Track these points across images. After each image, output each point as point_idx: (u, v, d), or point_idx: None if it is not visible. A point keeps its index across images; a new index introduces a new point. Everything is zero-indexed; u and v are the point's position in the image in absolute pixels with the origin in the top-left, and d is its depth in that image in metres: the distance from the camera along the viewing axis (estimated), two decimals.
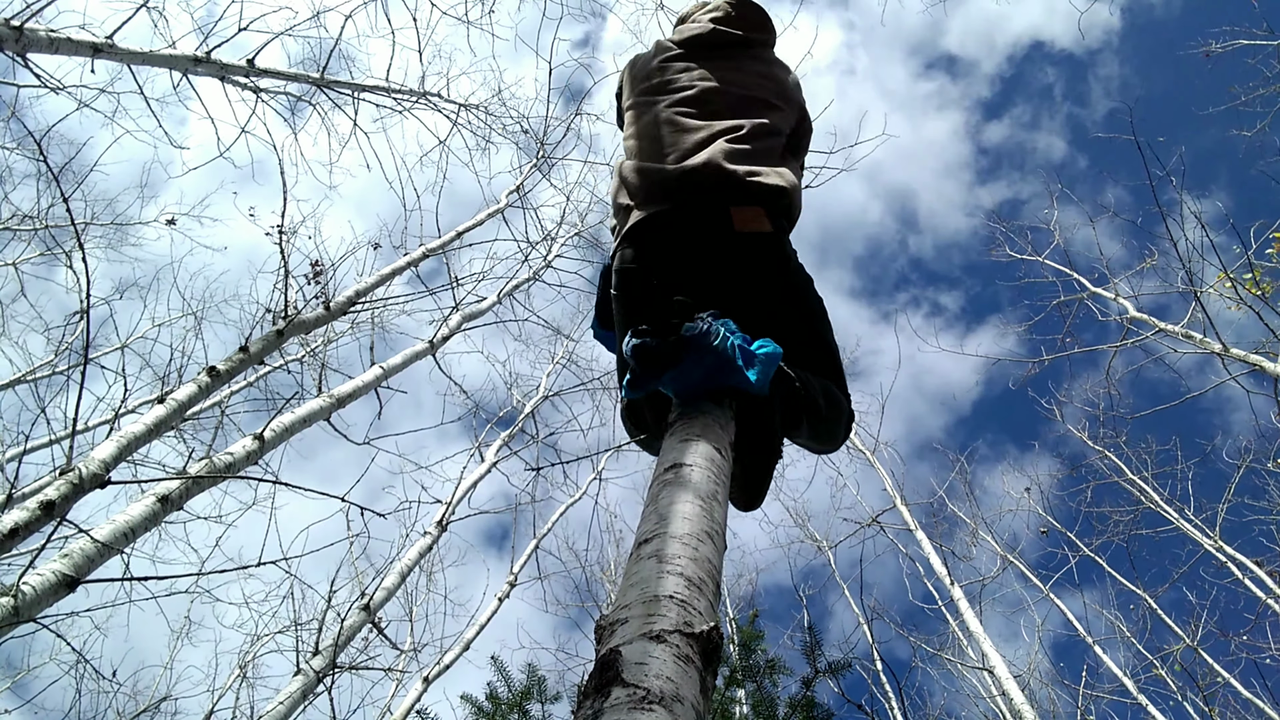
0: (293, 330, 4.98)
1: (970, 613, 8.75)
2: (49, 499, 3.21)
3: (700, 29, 2.46)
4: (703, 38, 2.44)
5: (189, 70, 5.84)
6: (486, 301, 7.52)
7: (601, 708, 1.01)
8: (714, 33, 2.43)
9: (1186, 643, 9.17)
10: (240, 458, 4.26)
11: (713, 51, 2.43)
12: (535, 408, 9.53)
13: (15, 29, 4.61)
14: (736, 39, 2.45)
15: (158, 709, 8.93)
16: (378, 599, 6.10)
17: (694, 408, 1.79)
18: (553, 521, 10.08)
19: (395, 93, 7.62)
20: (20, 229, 9.08)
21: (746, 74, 2.41)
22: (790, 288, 2.12)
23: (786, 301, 2.10)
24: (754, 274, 2.07)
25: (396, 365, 6.04)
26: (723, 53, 2.44)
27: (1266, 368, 7.07)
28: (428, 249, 6.78)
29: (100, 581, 3.63)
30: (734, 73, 2.39)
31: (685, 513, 1.43)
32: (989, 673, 8.40)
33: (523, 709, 5.62)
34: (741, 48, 2.46)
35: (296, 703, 4.97)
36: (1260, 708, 8.41)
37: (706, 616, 1.23)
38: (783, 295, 2.10)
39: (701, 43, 2.44)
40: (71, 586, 3.15)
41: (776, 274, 2.10)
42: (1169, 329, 8.68)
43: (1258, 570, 8.94)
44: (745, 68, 2.42)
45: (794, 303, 2.12)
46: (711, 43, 2.44)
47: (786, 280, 2.12)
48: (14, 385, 8.74)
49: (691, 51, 2.43)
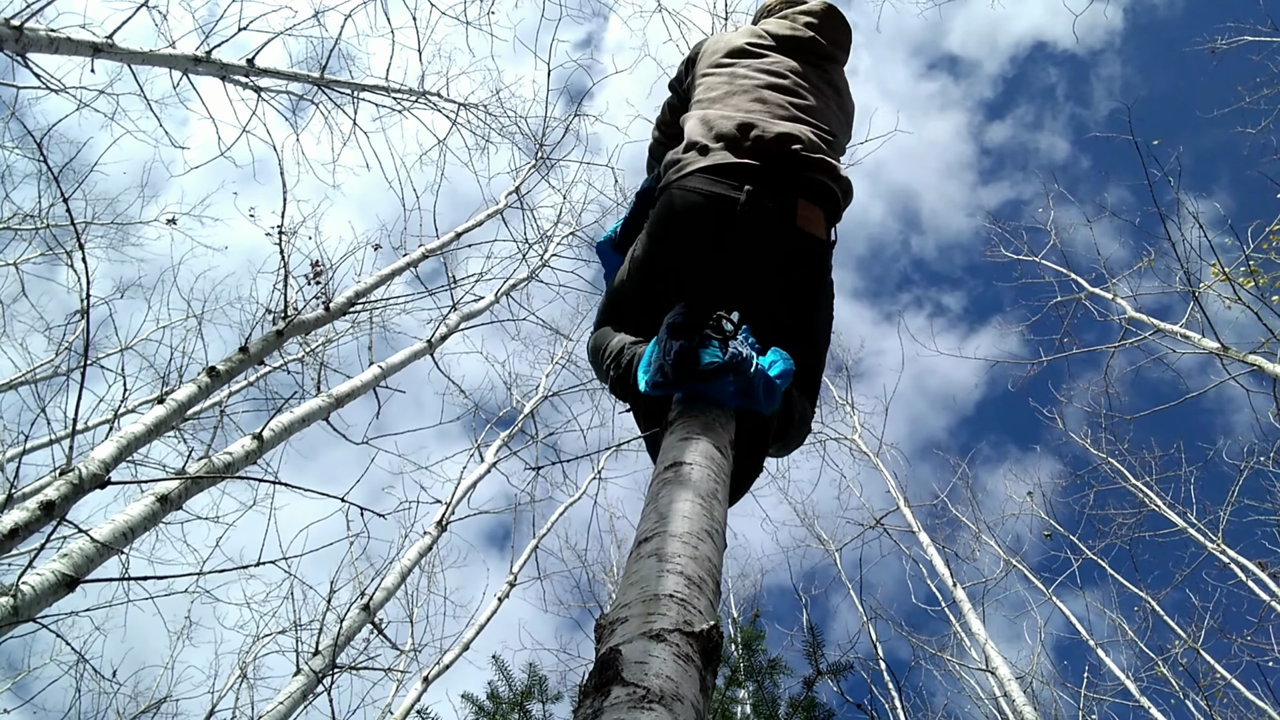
0: (293, 330, 4.97)
1: (973, 614, 8.74)
2: (49, 499, 3.20)
3: (798, 32, 2.47)
4: (799, 40, 2.46)
5: (189, 70, 5.84)
6: (484, 301, 7.52)
7: (602, 706, 1.01)
8: (811, 40, 2.46)
9: (1188, 643, 9.16)
10: (239, 458, 4.26)
11: (804, 54, 2.45)
12: (535, 408, 9.53)
13: (15, 29, 4.60)
14: (827, 51, 2.49)
15: (158, 709, 8.93)
16: (377, 599, 6.10)
17: (695, 406, 1.82)
18: (552, 521, 10.08)
19: (395, 92, 7.62)
20: (21, 229, 9.08)
21: (829, 90, 2.45)
22: (818, 303, 2.17)
23: (810, 312, 2.15)
24: (796, 274, 2.09)
25: (395, 365, 6.04)
26: (814, 58, 2.46)
27: (1265, 367, 7.06)
28: (427, 249, 6.78)
29: (100, 581, 3.63)
30: (822, 84, 2.42)
31: (685, 511, 1.43)
32: (991, 674, 8.39)
33: (523, 708, 5.62)
34: (828, 60, 2.50)
35: (297, 703, 4.96)
36: (1262, 709, 8.39)
37: (706, 615, 1.23)
38: (810, 305, 2.15)
39: (796, 43, 2.45)
40: (71, 586, 3.15)
41: (815, 283, 2.14)
42: (1167, 329, 8.66)
43: (1260, 573, 8.91)
44: (827, 84, 2.45)
45: (814, 317, 2.17)
46: (806, 46, 2.46)
47: (819, 294, 2.16)
48: (15, 386, 8.74)
49: (784, 47, 2.44)
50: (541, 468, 8.98)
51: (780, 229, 2.03)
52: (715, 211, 2.02)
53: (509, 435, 9.00)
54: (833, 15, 2.54)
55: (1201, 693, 8.34)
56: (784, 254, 2.05)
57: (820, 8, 2.56)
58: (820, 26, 2.50)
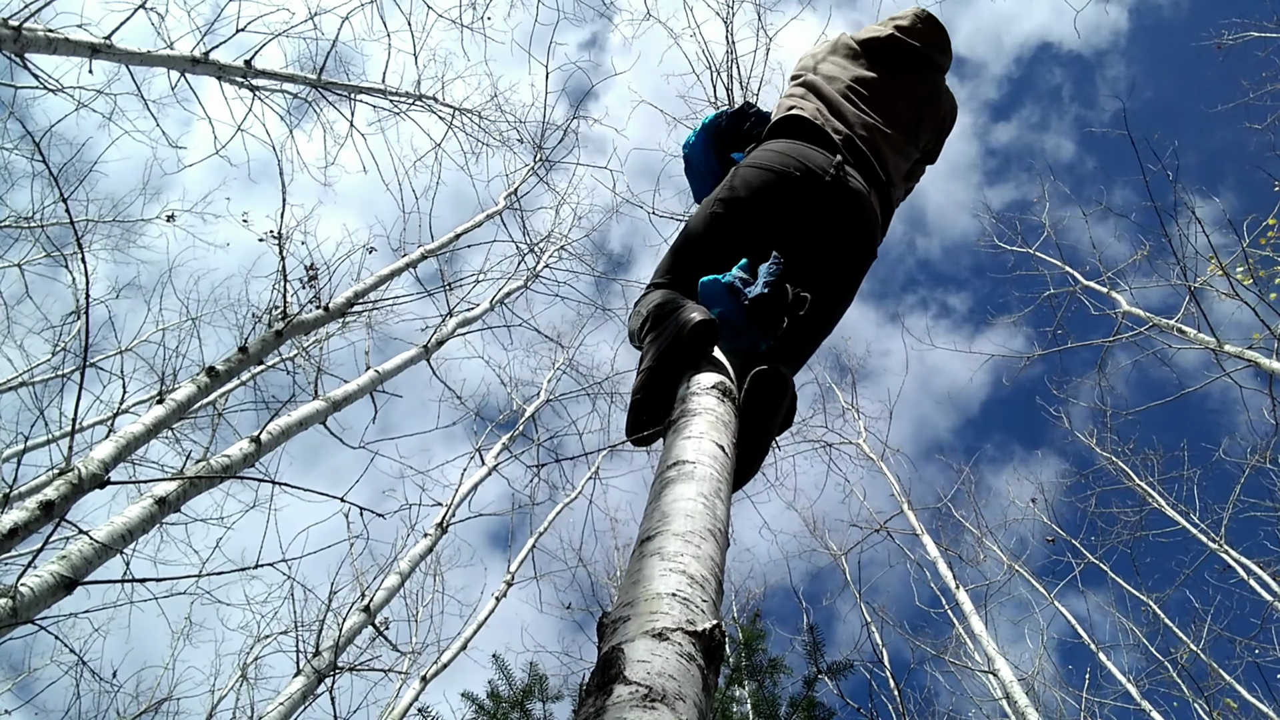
0: (291, 331, 4.97)
1: (975, 616, 8.73)
2: (48, 499, 3.20)
3: (880, 32, 2.51)
4: (880, 41, 2.49)
5: (187, 70, 5.84)
6: (480, 307, 7.53)
7: (604, 706, 1.00)
8: (891, 38, 2.48)
9: (1191, 648, 9.14)
10: (238, 460, 4.26)
11: (888, 57, 2.49)
12: (535, 411, 9.53)
13: (14, 29, 4.60)
14: (913, 49, 2.50)
15: (158, 710, 8.91)
16: (378, 600, 6.09)
17: (696, 405, 1.81)
18: (550, 520, 10.05)
19: (391, 95, 7.63)
20: (21, 228, 9.06)
21: (912, 96, 2.49)
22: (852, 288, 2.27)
23: (845, 294, 2.25)
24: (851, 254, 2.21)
25: (391, 369, 6.05)
26: (899, 63, 2.50)
27: (1262, 363, 7.04)
28: (425, 250, 6.78)
29: (99, 583, 3.62)
30: (903, 89, 2.48)
31: (688, 510, 1.42)
32: (993, 675, 8.38)
33: (524, 707, 5.60)
34: (916, 61, 2.51)
35: (297, 703, 4.96)
36: (1263, 711, 8.37)
37: (709, 614, 1.22)
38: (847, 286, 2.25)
39: (878, 45, 2.50)
40: (70, 588, 3.14)
41: (860, 267, 2.25)
42: (1162, 324, 8.61)
43: (1262, 573, 8.88)
44: (913, 90, 2.50)
45: (844, 300, 2.26)
46: (889, 48, 2.49)
47: (857, 277, 2.26)
48: (15, 387, 8.72)
49: (868, 53, 2.50)
50: (544, 464, 8.98)
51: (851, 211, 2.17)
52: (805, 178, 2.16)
53: (510, 439, 9.01)
54: (926, 20, 2.59)
55: (1204, 696, 8.32)
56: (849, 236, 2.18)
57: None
58: (906, 27, 2.55)
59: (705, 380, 1.90)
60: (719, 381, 1.90)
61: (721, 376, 1.93)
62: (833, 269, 2.18)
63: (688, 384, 1.92)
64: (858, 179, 2.20)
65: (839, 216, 2.14)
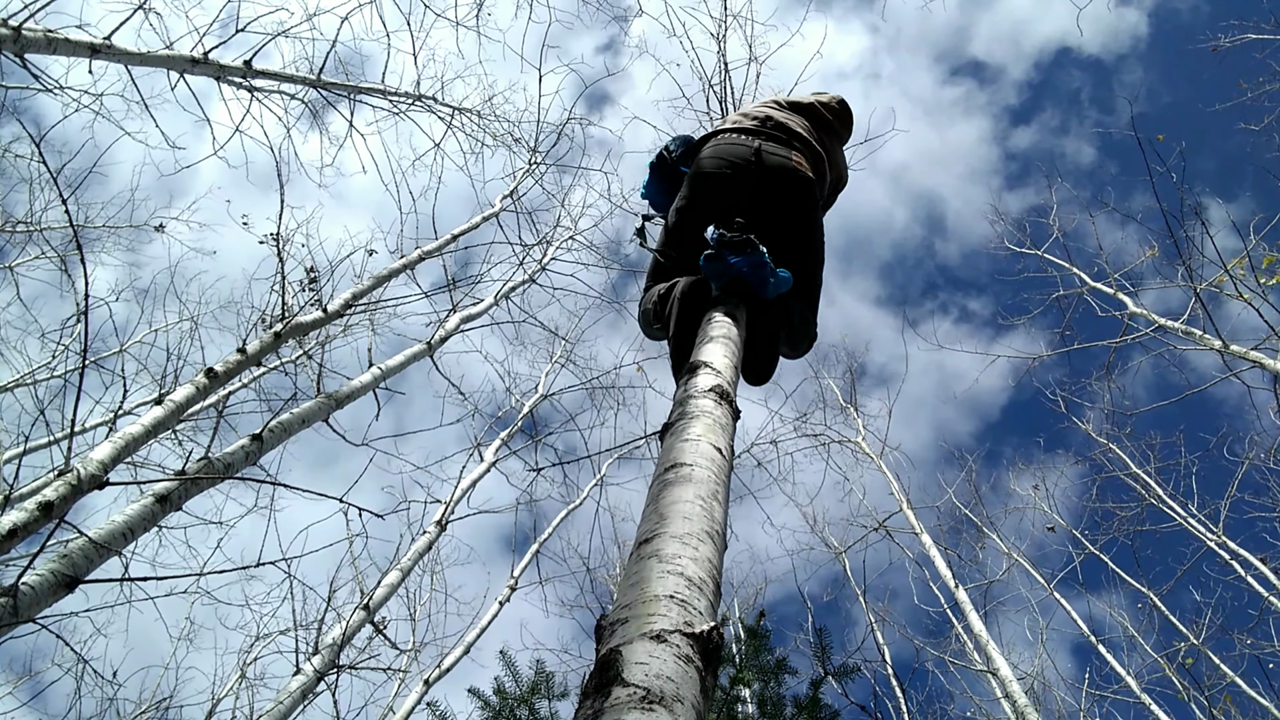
0: (290, 333, 4.97)
1: (974, 615, 8.72)
2: (47, 499, 3.20)
3: (804, 98, 3.19)
4: (803, 104, 3.16)
5: (186, 71, 5.84)
6: (484, 304, 7.52)
7: (602, 707, 1.00)
8: (812, 104, 3.17)
9: (1192, 641, 9.13)
10: (238, 459, 4.25)
11: (803, 113, 3.13)
12: (533, 408, 9.52)
13: (14, 29, 4.60)
14: (826, 119, 3.17)
15: (158, 710, 8.91)
16: (378, 599, 6.09)
17: (694, 405, 1.83)
18: (554, 525, 10.05)
19: (390, 95, 7.62)
20: (18, 231, 9.05)
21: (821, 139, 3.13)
22: (810, 228, 2.82)
23: (803, 237, 2.79)
24: (789, 205, 2.77)
25: (394, 366, 6.04)
26: (811, 119, 3.13)
27: (1266, 364, 7.04)
28: (424, 251, 6.78)
29: (99, 582, 3.62)
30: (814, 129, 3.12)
31: (686, 512, 1.42)
32: (993, 675, 8.38)
33: (530, 705, 5.59)
34: (824, 124, 3.18)
35: (296, 702, 4.96)
36: (1264, 706, 8.38)
37: (707, 616, 1.22)
38: (803, 232, 2.80)
39: (800, 105, 3.17)
40: (70, 587, 3.14)
41: (806, 211, 2.80)
42: (1168, 325, 8.62)
43: (1261, 567, 8.89)
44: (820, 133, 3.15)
45: (808, 242, 2.81)
46: (807, 108, 3.16)
47: (810, 220, 2.82)
48: (14, 388, 8.72)
49: (790, 105, 3.16)
50: (542, 469, 8.95)
51: (778, 173, 2.76)
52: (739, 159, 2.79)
53: (508, 434, 8.99)
54: (841, 104, 3.28)
55: (1204, 690, 8.32)
56: (781, 192, 2.75)
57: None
58: (826, 102, 3.22)
59: (702, 383, 1.91)
60: (715, 384, 1.91)
61: (718, 380, 1.94)
62: (783, 219, 2.74)
63: (686, 385, 1.93)
64: (778, 152, 2.79)
65: (769, 185, 2.74)
